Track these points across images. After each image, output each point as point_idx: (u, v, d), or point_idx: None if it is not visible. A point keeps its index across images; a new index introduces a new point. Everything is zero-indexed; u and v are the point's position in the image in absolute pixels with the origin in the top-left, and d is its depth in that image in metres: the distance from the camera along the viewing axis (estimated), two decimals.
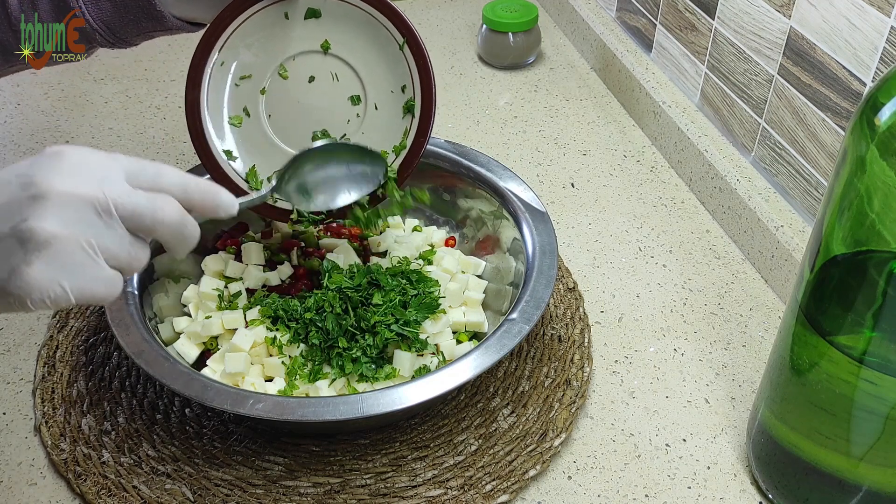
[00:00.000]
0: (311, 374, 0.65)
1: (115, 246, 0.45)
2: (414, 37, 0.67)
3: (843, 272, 0.49)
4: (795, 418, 0.56)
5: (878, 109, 0.44)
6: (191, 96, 0.68)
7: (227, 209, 0.51)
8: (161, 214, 0.46)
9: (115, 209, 0.44)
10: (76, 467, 0.63)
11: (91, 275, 0.44)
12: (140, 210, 0.45)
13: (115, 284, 0.46)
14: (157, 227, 0.47)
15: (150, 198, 0.46)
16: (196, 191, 0.49)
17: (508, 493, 0.61)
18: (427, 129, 0.69)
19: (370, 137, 0.70)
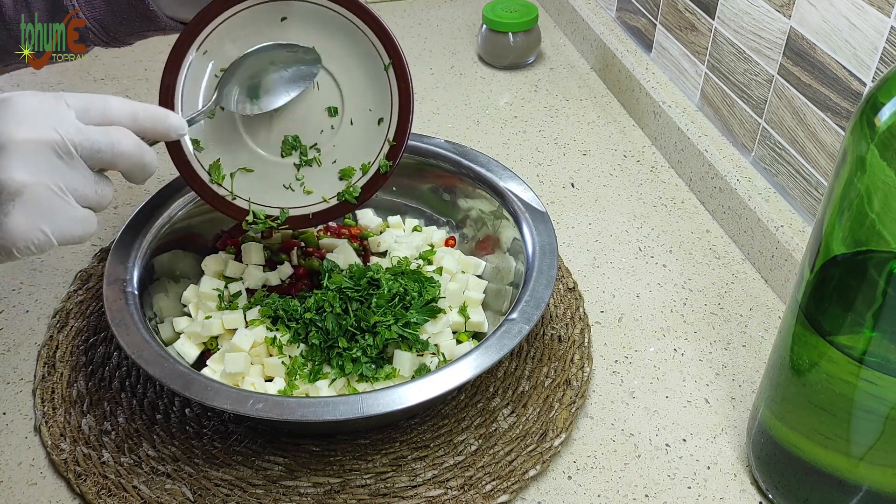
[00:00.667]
0: (311, 374, 0.65)
1: (81, 185, 0.46)
2: (400, 60, 0.67)
3: (843, 272, 0.49)
4: (795, 418, 0.56)
5: (878, 109, 0.44)
6: (167, 80, 0.67)
7: (178, 129, 0.53)
8: (119, 146, 0.47)
9: (74, 149, 0.46)
10: (76, 467, 0.63)
11: (67, 216, 0.46)
12: (98, 146, 0.47)
13: (90, 223, 0.47)
14: (117, 159, 0.48)
15: (106, 132, 0.47)
16: (145, 117, 0.50)
17: (508, 493, 0.61)
18: (398, 152, 0.69)
19: (341, 151, 0.70)
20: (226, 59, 0.67)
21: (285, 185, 0.70)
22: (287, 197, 0.70)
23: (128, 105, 0.49)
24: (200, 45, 0.66)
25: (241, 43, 0.67)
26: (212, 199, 0.69)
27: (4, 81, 1.07)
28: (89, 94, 0.48)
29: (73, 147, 0.46)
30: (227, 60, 0.67)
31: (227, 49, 0.67)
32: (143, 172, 0.51)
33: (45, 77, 1.07)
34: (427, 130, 0.98)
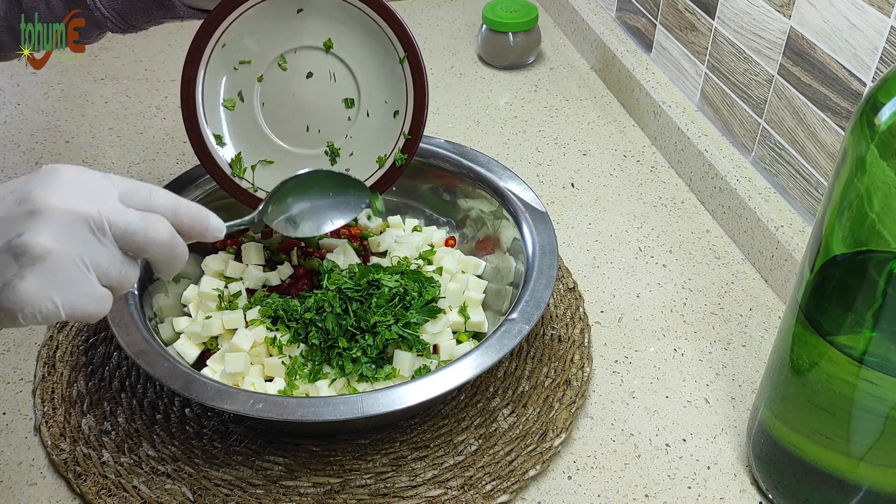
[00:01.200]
0: (311, 374, 0.65)
1: (107, 264, 0.46)
2: (415, 53, 0.68)
3: (843, 272, 0.49)
4: (795, 418, 0.56)
5: (878, 109, 0.44)
6: (188, 72, 0.68)
7: (215, 233, 0.52)
8: (153, 234, 0.47)
9: (108, 227, 0.45)
10: (76, 467, 0.63)
11: (83, 291, 0.45)
12: (133, 229, 0.46)
13: (105, 303, 0.46)
14: (149, 246, 0.47)
15: (143, 217, 0.47)
16: (186, 214, 0.50)
17: (508, 493, 0.61)
18: (414, 146, 0.70)
19: (358, 142, 0.71)
20: (244, 52, 0.68)
21: None
22: None
23: (172, 199, 0.49)
24: (219, 39, 0.67)
25: (260, 36, 0.68)
26: (233, 191, 0.70)
27: (4, 82, 1.07)
28: (137, 181, 0.48)
29: (108, 225, 0.45)
30: (246, 53, 0.68)
31: (245, 42, 0.68)
32: (172, 265, 0.50)
33: (45, 77, 1.07)
34: (427, 130, 0.98)
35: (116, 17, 0.65)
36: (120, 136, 0.98)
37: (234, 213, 0.78)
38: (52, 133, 0.99)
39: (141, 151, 0.96)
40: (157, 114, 1.02)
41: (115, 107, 1.03)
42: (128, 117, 1.02)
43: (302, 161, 0.71)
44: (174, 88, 1.07)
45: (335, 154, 0.70)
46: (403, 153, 0.70)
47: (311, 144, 0.72)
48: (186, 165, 0.91)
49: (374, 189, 0.71)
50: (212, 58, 0.68)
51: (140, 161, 0.95)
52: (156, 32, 1.17)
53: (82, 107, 1.03)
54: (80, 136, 0.98)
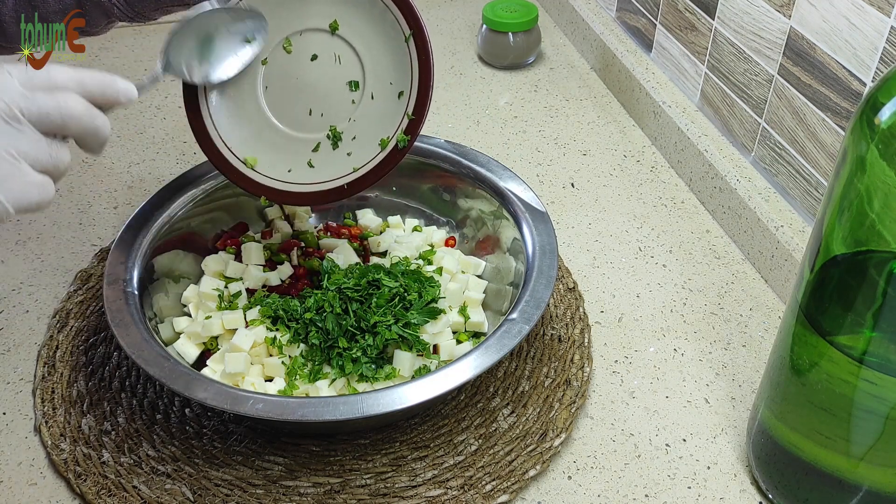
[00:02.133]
0: (311, 374, 0.65)
1: (33, 150, 0.46)
2: (421, 31, 0.67)
3: (843, 272, 0.49)
4: (795, 418, 0.56)
5: (878, 109, 0.44)
6: None
7: (127, 94, 0.52)
8: (67, 109, 0.47)
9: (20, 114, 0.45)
10: (76, 467, 0.63)
11: (21, 181, 0.45)
12: (46, 109, 0.46)
13: (47, 189, 0.47)
14: (67, 121, 0.47)
15: (52, 96, 0.47)
16: (92, 83, 0.49)
17: (508, 493, 0.61)
18: (418, 126, 0.68)
19: (361, 126, 0.70)
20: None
21: (309, 164, 0.70)
22: (309, 173, 0.70)
23: (73, 71, 0.49)
24: None
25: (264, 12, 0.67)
26: (232, 175, 0.70)
27: None
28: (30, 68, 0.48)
29: (19, 112, 0.45)
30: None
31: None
32: (96, 137, 0.50)
33: None
34: (427, 130, 0.98)
35: (124, 5, 0.65)
36: (120, 136, 0.98)
37: (234, 213, 0.79)
38: None
39: (141, 151, 0.96)
40: (157, 114, 1.02)
41: None
42: (128, 117, 1.02)
43: (303, 145, 0.70)
44: (174, 88, 1.06)
45: (337, 138, 0.70)
46: (406, 134, 0.68)
47: (313, 128, 0.71)
48: (186, 165, 0.91)
49: (376, 173, 0.70)
50: None
51: (140, 161, 0.95)
52: (156, 33, 1.18)
53: None
54: None
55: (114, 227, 0.85)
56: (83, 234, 0.85)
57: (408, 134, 0.68)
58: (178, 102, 0.95)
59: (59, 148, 0.48)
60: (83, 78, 0.49)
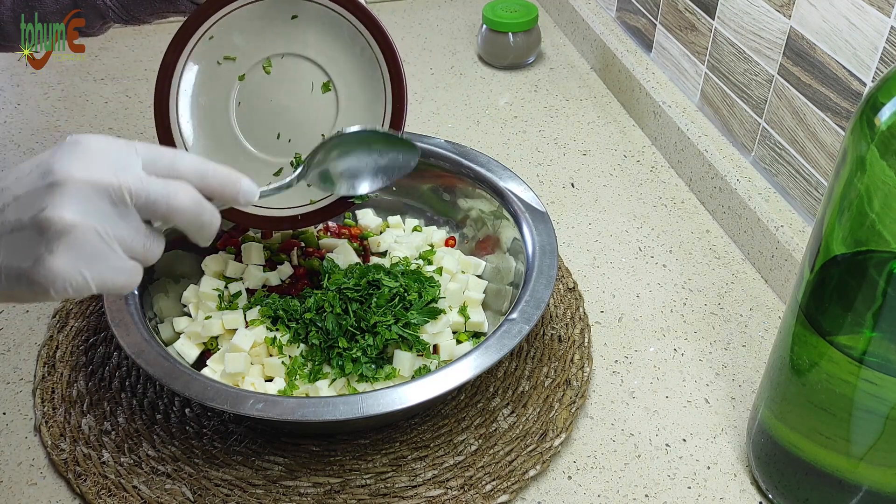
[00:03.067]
0: (311, 374, 0.65)
1: (129, 237, 0.45)
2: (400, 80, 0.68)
3: (843, 272, 0.49)
4: (795, 418, 0.56)
5: (878, 109, 0.44)
6: (169, 58, 0.67)
7: (248, 196, 0.50)
8: (176, 202, 0.46)
9: (129, 197, 0.45)
10: (76, 467, 0.63)
11: (110, 265, 0.45)
12: (154, 197, 0.45)
13: (135, 275, 0.46)
14: (173, 214, 0.46)
15: (165, 185, 0.46)
16: (215, 178, 0.48)
17: (508, 493, 0.61)
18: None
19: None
20: (231, 48, 0.67)
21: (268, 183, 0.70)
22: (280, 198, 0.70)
23: (199, 163, 0.48)
24: (208, 30, 0.66)
25: (249, 35, 0.67)
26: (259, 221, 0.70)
27: (4, 82, 1.07)
28: (161, 147, 0.48)
29: (128, 195, 0.44)
30: (233, 49, 0.67)
31: (234, 38, 0.67)
32: (202, 231, 0.48)
33: (45, 77, 1.07)
34: (427, 130, 0.98)
35: (118, 7, 0.65)
36: (120, 136, 0.98)
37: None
38: (52, 133, 0.99)
39: None
40: None
41: (115, 107, 1.03)
42: (128, 117, 1.02)
43: (265, 167, 0.70)
44: None
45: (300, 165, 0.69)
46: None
47: (278, 152, 0.70)
48: None
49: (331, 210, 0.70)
50: (196, 48, 0.67)
51: None
52: (156, 33, 1.18)
53: (82, 107, 1.03)
54: None
55: None
56: None
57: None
58: None
59: (155, 241, 0.47)
60: (207, 171, 0.48)
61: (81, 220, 0.43)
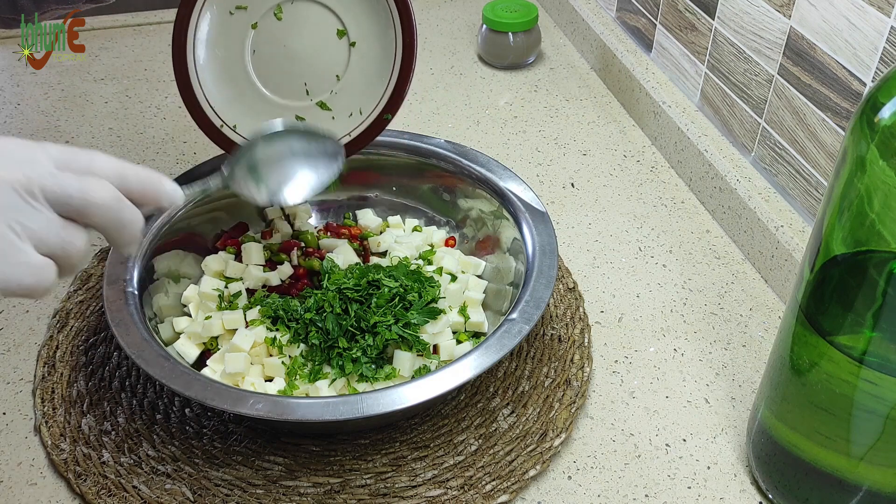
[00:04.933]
0: (312, 374, 0.65)
1: (42, 229, 0.42)
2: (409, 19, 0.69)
3: (843, 272, 0.49)
4: (795, 418, 0.56)
5: (878, 109, 0.44)
6: (183, 12, 0.68)
7: (171, 198, 0.48)
8: (91, 195, 0.43)
9: (39, 192, 0.42)
10: (76, 467, 0.63)
11: (15, 261, 0.41)
12: (68, 191, 0.42)
13: (46, 273, 0.42)
14: (89, 209, 0.43)
15: (80, 179, 0.43)
16: (135, 178, 0.46)
17: (508, 493, 0.61)
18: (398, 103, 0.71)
19: (343, 99, 0.72)
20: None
21: None
22: None
23: (117, 163, 0.45)
24: None
25: None
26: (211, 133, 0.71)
27: (4, 82, 1.07)
28: (76, 149, 0.45)
29: (38, 190, 0.42)
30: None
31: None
32: (122, 231, 0.45)
33: (45, 77, 1.07)
34: (427, 130, 0.98)
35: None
36: (120, 136, 0.98)
37: (234, 213, 0.79)
38: (52, 133, 0.99)
39: (141, 151, 0.96)
40: (157, 114, 1.02)
41: (115, 107, 1.03)
42: (128, 117, 1.02)
43: (285, 112, 0.72)
44: (174, 89, 1.06)
45: (322, 108, 0.72)
46: (387, 112, 0.71)
47: (296, 96, 0.73)
48: (186, 165, 0.91)
49: (354, 145, 0.72)
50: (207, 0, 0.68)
51: (140, 161, 0.94)
52: (156, 32, 1.18)
53: (82, 107, 1.03)
54: (80, 136, 0.98)
55: None
56: None
57: (388, 112, 0.71)
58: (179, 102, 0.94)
59: (74, 232, 0.43)
60: (125, 171, 0.46)
61: None
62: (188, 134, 0.99)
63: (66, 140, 0.97)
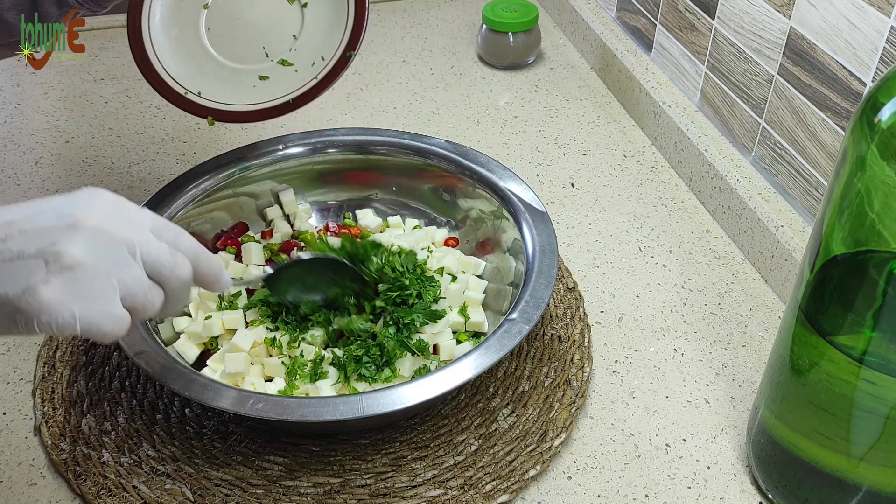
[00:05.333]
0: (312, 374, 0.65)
1: (134, 285, 0.46)
2: None
3: (843, 272, 0.49)
4: (795, 418, 0.56)
5: (878, 109, 0.44)
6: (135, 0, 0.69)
7: (224, 286, 0.54)
8: (178, 270, 0.49)
9: (140, 253, 0.46)
10: (76, 467, 0.63)
11: (103, 308, 0.45)
12: (162, 261, 0.47)
13: (123, 323, 0.46)
14: (171, 281, 0.48)
15: (173, 252, 0.48)
16: (205, 262, 0.51)
17: (508, 493, 0.61)
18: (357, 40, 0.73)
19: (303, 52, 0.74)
20: None
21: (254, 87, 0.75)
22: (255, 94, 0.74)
23: (196, 245, 0.51)
24: None
25: None
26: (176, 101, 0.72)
27: (4, 82, 1.07)
28: (167, 222, 0.50)
29: (139, 251, 0.46)
30: None
31: None
32: (179, 303, 0.51)
33: (45, 77, 1.07)
34: (427, 130, 0.98)
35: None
36: (120, 136, 0.98)
37: (234, 213, 0.79)
38: (52, 133, 0.99)
39: (141, 151, 0.96)
40: (157, 114, 1.02)
41: (115, 107, 1.03)
42: (128, 117, 1.02)
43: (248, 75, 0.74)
44: None
45: (283, 64, 0.74)
46: (349, 50, 0.73)
47: (255, 60, 0.74)
48: (186, 165, 0.91)
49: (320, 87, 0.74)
50: None
51: (140, 161, 0.95)
52: None
53: (82, 107, 1.03)
54: (80, 136, 0.98)
55: None
56: None
57: (350, 49, 0.73)
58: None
59: (157, 293, 0.48)
60: (200, 255, 0.51)
61: (91, 260, 0.44)
62: (188, 134, 0.99)
63: (66, 140, 0.97)
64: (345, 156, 0.80)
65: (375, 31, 1.20)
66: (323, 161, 0.80)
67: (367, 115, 1.02)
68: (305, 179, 0.81)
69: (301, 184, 0.81)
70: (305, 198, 0.81)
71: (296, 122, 1.00)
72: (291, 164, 0.80)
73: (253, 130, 0.99)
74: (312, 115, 1.02)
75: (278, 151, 0.79)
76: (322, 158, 0.80)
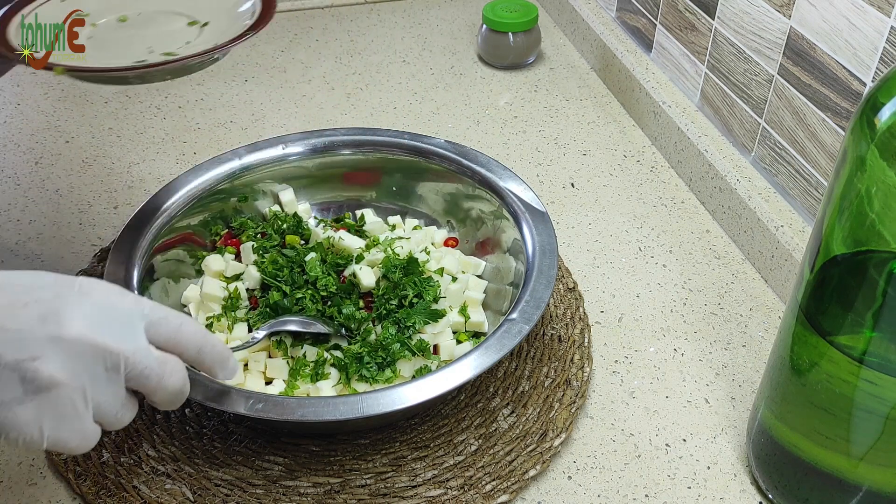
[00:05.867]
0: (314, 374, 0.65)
1: (107, 403, 0.45)
2: None
3: (843, 272, 0.49)
4: (795, 418, 0.56)
5: (878, 109, 0.44)
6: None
7: (230, 375, 0.52)
8: (166, 381, 0.47)
9: (123, 367, 0.44)
10: (76, 467, 0.63)
11: (73, 426, 0.44)
12: (148, 373, 0.46)
13: (92, 439, 0.45)
14: (159, 392, 0.47)
15: (162, 362, 0.46)
16: (210, 353, 0.50)
17: (508, 493, 0.61)
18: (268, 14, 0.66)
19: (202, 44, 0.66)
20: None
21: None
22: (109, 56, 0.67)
23: (200, 335, 0.49)
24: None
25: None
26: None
27: (4, 82, 1.07)
28: (169, 310, 0.48)
29: (123, 365, 0.44)
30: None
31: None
32: (171, 405, 0.50)
33: (45, 77, 1.07)
34: (427, 130, 0.98)
35: None
36: (120, 136, 0.98)
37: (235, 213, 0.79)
38: (52, 133, 0.99)
39: (141, 151, 0.96)
40: (157, 114, 1.02)
41: (115, 107, 1.03)
42: (128, 117, 1.02)
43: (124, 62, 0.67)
44: (174, 89, 1.07)
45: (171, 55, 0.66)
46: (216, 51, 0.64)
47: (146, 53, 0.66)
48: (186, 165, 0.91)
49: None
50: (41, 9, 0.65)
51: (140, 161, 0.94)
52: None
53: (82, 107, 1.03)
54: (80, 136, 0.98)
55: (114, 227, 0.85)
56: (83, 234, 0.85)
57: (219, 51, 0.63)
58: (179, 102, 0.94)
59: (129, 411, 0.47)
60: (205, 345, 0.49)
61: (69, 380, 0.42)
62: (188, 134, 0.99)
63: (66, 140, 0.97)
64: (345, 156, 0.80)
65: (375, 30, 1.20)
66: (323, 161, 0.80)
67: (367, 115, 1.02)
68: (305, 179, 0.81)
69: (301, 184, 0.81)
70: (305, 198, 0.81)
71: (296, 122, 1.01)
72: (291, 164, 0.80)
73: (253, 130, 0.99)
74: (312, 115, 1.02)
75: (278, 151, 0.79)
76: (322, 158, 0.80)
